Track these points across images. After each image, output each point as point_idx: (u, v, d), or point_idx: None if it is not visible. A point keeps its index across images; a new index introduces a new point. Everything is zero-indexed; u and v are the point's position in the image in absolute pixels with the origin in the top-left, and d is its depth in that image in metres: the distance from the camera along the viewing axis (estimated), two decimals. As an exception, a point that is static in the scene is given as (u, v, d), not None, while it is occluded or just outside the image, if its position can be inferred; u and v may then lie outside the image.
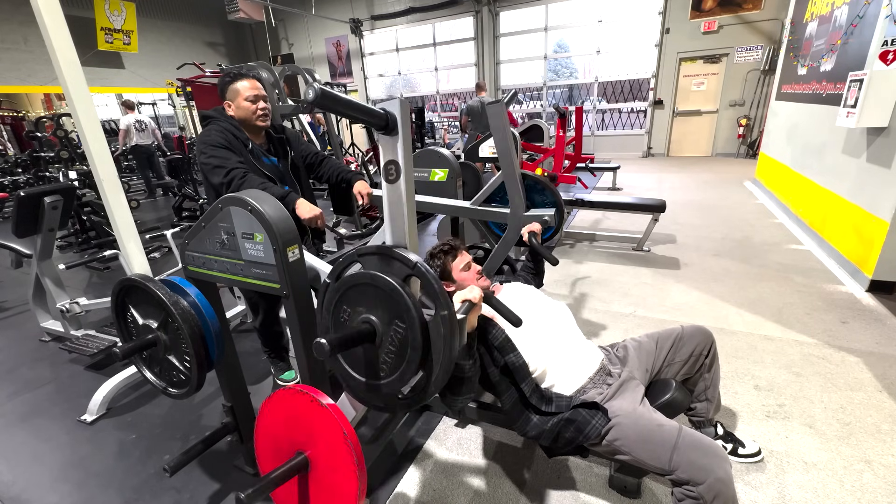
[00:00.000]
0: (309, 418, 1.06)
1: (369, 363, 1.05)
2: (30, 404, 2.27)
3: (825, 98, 3.89)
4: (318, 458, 1.07)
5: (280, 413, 1.13)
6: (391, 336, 0.97)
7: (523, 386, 1.31)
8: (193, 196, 5.74)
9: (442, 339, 0.92)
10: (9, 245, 2.99)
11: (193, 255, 1.40)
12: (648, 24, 8.70)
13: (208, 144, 1.76)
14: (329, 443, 1.03)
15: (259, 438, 1.20)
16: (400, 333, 0.95)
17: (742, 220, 4.54)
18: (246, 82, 1.83)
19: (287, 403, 1.11)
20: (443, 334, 0.92)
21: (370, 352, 1.03)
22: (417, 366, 0.95)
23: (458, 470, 1.68)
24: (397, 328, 0.95)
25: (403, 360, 0.96)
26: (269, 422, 1.17)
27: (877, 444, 1.68)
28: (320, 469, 1.07)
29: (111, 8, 9.48)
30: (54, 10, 1.62)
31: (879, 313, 2.63)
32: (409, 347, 0.94)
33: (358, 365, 1.08)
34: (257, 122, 1.86)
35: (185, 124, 11.50)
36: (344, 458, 1.00)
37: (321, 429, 1.04)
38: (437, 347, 0.94)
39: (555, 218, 2.07)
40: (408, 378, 0.98)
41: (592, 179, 6.83)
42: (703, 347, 1.50)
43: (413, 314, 0.91)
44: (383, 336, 0.99)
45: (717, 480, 1.05)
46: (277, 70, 4.65)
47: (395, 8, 10.97)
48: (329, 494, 1.07)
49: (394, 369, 1.00)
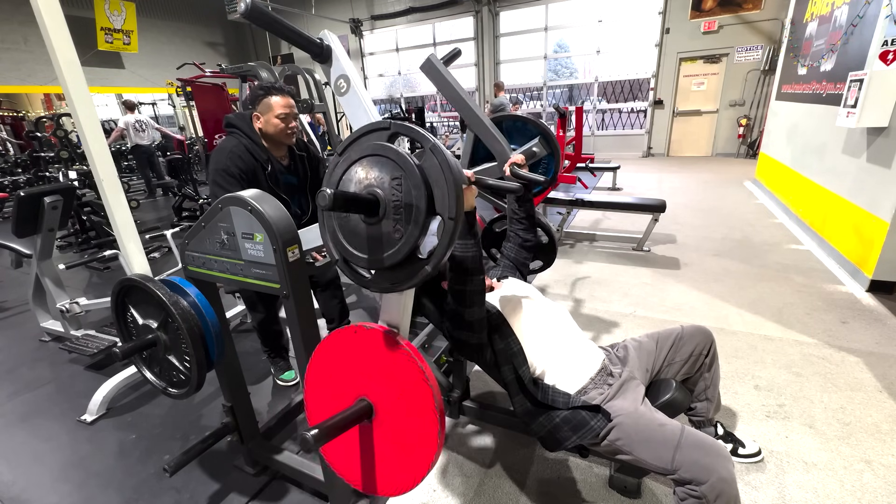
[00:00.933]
0: (377, 358, 0.97)
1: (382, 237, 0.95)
2: (30, 404, 2.27)
3: (825, 98, 3.89)
4: (385, 405, 0.97)
5: (338, 355, 1.04)
6: (393, 196, 0.90)
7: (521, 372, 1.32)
8: (193, 196, 5.73)
9: (441, 172, 0.87)
10: (9, 245, 2.99)
11: (193, 255, 1.40)
12: (648, 24, 8.70)
13: (221, 171, 1.76)
14: (402, 387, 0.94)
15: (310, 388, 1.09)
16: (399, 189, 0.89)
17: (742, 220, 4.54)
18: (280, 99, 1.81)
19: (348, 342, 1.01)
20: (438, 163, 0.87)
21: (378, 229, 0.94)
22: (426, 204, 0.86)
23: (458, 470, 1.68)
24: (395, 187, 0.89)
25: (411, 212, 0.88)
26: (324, 366, 1.06)
27: (877, 444, 1.68)
28: (388, 418, 0.98)
29: (111, 8, 9.49)
30: (54, 10, 1.62)
31: (879, 313, 2.63)
32: (412, 187, 0.87)
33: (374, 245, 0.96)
34: (286, 140, 1.87)
35: (185, 124, 11.50)
36: (423, 403, 0.90)
37: (394, 373, 0.95)
38: (437, 178, 0.87)
39: (543, 145, 1.84)
40: (421, 219, 0.88)
41: (592, 179, 6.83)
42: (703, 347, 1.50)
43: (403, 156, 0.87)
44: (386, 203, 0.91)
45: (720, 480, 1.05)
46: (277, 70, 4.65)
47: (395, 8, 10.98)
48: (399, 445, 0.97)
49: (406, 224, 0.90)
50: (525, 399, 1.32)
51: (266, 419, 1.83)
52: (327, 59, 1.23)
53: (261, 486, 1.65)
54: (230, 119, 1.87)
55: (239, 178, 1.77)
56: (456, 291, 1.23)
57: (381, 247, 0.93)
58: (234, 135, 1.84)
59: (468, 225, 1.15)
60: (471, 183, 1.12)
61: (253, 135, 1.84)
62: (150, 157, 7.43)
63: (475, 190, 1.14)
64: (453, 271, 1.21)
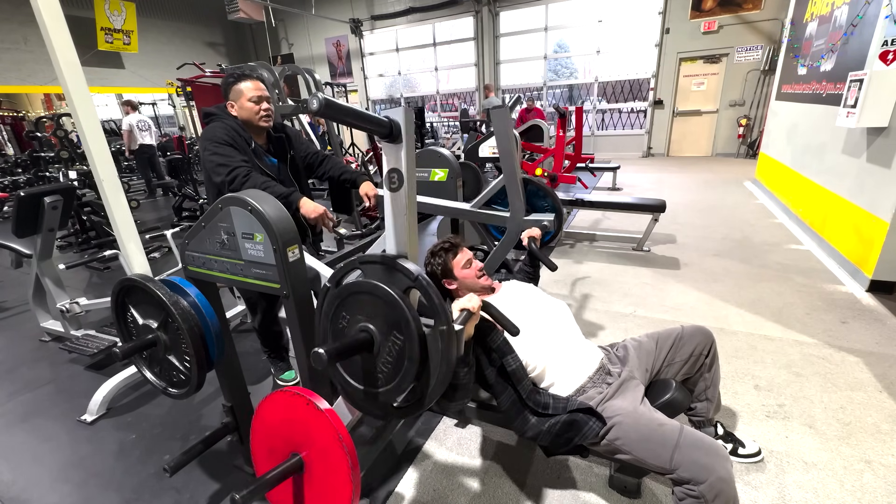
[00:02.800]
0: (305, 420, 1.07)
1: (366, 371, 1.05)
2: (30, 404, 2.27)
3: (825, 98, 3.89)
4: (313, 459, 1.08)
5: (276, 414, 1.14)
6: (389, 347, 0.97)
7: (520, 388, 1.31)
8: (193, 196, 5.73)
9: (440, 353, 0.92)
10: (9, 245, 2.99)
11: (193, 255, 1.40)
12: (648, 24, 8.69)
13: (213, 141, 1.75)
14: (324, 445, 1.04)
15: (255, 439, 1.21)
16: (398, 345, 0.96)
17: (742, 220, 4.54)
18: (249, 83, 1.82)
19: (283, 405, 1.11)
20: (440, 348, 0.92)
21: (368, 361, 1.03)
22: (414, 377, 0.95)
23: (457, 470, 1.68)
24: (395, 339, 0.95)
25: (400, 371, 0.97)
26: (266, 423, 1.17)
27: (877, 444, 1.68)
28: (315, 470, 1.08)
29: (111, 8, 9.48)
30: (54, 10, 1.62)
31: (879, 313, 2.63)
32: (407, 359, 0.94)
33: (355, 372, 1.08)
34: (260, 122, 1.86)
35: (186, 124, 11.50)
36: (339, 461, 1.01)
37: (317, 431, 1.04)
38: (435, 360, 0.94)
39: (554, 223, 2.08)
40: (404, 388, 0.98)
41: (592, 179, 6.83)
42: (703, 347, 1.50)
43: (412, 327, 0.91)
44: (381, 346, 0.99)
45: (718, 479, 1.05)
46: (277, 70, 4.65)
47: (395, 8, 10.97)
48: (324, 496, 1.07)
49: (390, 379, 1.00)
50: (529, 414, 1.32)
51: (266, 419, 1.83)
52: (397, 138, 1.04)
53: (261, 486, 1.65)
54: (207, 109, 1.89)
55: (228, 145, 1.76)
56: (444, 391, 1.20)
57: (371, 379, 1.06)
58: (214, 119, 1.85)
59: (463, 354, 1.13)
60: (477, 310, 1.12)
61: (231, 120, 1.84)
62: (151, 157, 7.43)
63: (478, 317, 1.14)
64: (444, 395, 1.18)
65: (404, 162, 1.02)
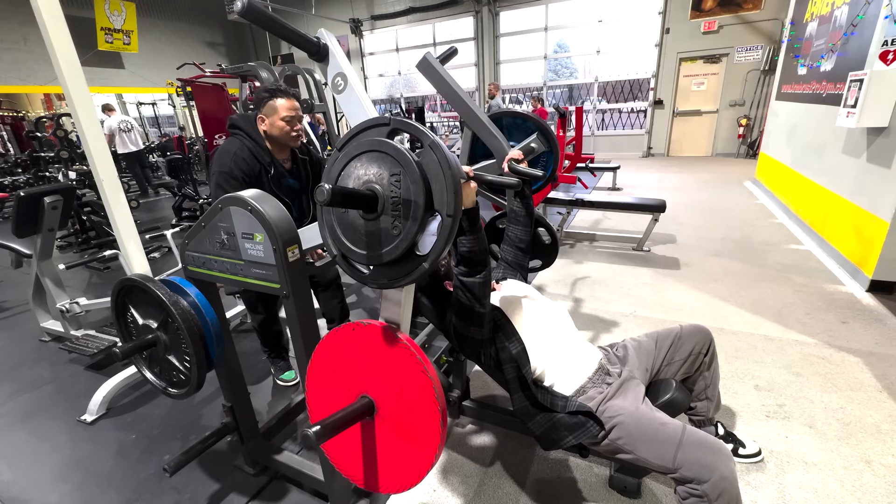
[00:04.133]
0: (378, 355, 0.97)
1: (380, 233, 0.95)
2: (30, 404, 2.27)
3: (825, 98, 3.89)
4: (387, 401, 0.97)
5: (339, 352, 1.03)
6: (391, 192, 0.90)
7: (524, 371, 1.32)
8: (193, 196, 5.73)
9: (440, 169, 0.86)
10: (9, 245, 2.99)
11: (193, 255, 1.40)
12: (648, 24, 8.70)
13: (225, 174, 1.76)
14: (404, 383, 0.93)
15: (311, 386, 1.09)
16: (398, 185, 0.89)
17: (742, 220, 4.54)
18: (286, 101, 1.81)
19: (348, 339, 1.01)
20: (436, 159, 0.87)
21: (376, 225, 0.94)
22: (424, 200, 0.86)
23: (457, 470, 1.68)
24: (394, 183, 0.89)
25: (410, 208, 0.88)
26: (325, 364, 1.06)
27: (877, 444, 1.68)
28: (390, 415, 0.97)
29: (111, 8, 9.48)
30: (54, 10, 1.62)
31: (879, 313, 2.63)
32: (410, 183, 0.87)
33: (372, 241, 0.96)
34: (290, 143, 1.87)
35: (186, 124, 11.50)
36: (423, 397, 0.90)
37: (394, 368, 0.94)
38: (436, 173, 0.87)
39: (541, 141, 1.82)
40: (419, 215, 0.87)
41: (592, 179, 6.83)
42: (701, 346, 1.50)
43: (402, 152, 0.87)
44: (385, 200, 0.91)
45: (721, 478, 1.05)
46: (277, 70, 4.65)
47: (395, 8, 10.98)
48: (402, 442, 0.97)
49: (404, 220, 0.90)
50: (524, 398, 1.32)
51: (266, 419, 1.83)
52: (324, 57, 1.24)
53: (261, 487, 1.65)
54: (234, 120, 1.87)
55: (242, 182, 1.77)
56: (466, 285, 1.21)
57: (379, 243, 0.93)
58: (237, 136, 1.84)
59: (470, 221, 1.14)
60: (469, 178, 1.11)
61: (257, 137, 1.84)
62: (140, 159, 7.54)
63: (474, 185, 1.13)
64: (462, 265, 1.20)
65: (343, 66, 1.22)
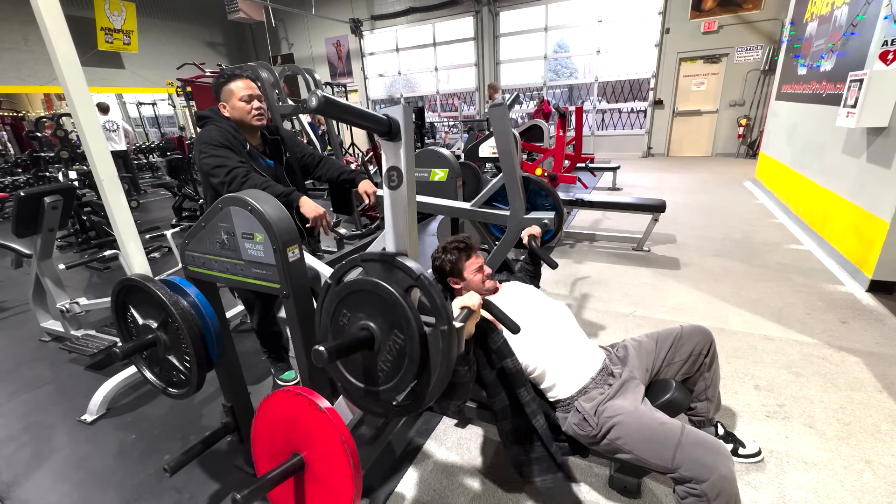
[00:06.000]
0: (306, 420, 1.07)
1: (367, 369, 1.05)
2: (30, 404, 2.27)
3: (825, 98, 3.89)
4: (314, 459, 1.08)
5: (277, 414, 1.14)
6: (389, 345, 0.97)
7: (518, 393, 1.31)
8: (193, 196, 5.73)
9: (440, 352, 0.92)
10: (9, 245, 2.99)
11: (193, 255, 1.40)
12: (648, 24, 8.70)
13: (208, 144, 1.75)
14: (326, 445, 1.04)
15: (256, 439, 1.21)
16: (399, 343, 0.95)
17: (742, 220, 4.54)
18: (240, 82, 1.81)
19: (284, 405, 1.11)
20: (441, 347, 0.92)
21: (368, 358, 1.03)
22: (414, 375, 0.95)
23: (457, 470, 1.68)
24: (396, 338, 0.95)
25: (400, 370, 0.96)
26: (266, 422, 1.17)
27: (877, 444, 1.68)
28: (317, 470, 1.08)
29: (111, 8, 9.48)
30: (54, 10, 1.62)
31: (879, 313, 2.63)
32: (407, 358, 0.94)
33: (355, 370, 1.08)
34: (253, 121, 1.85)
35: (185, 124, 11.49)
36: (340, 461, 1.01)
37: (318, 431, 1.04)
38: (435, 359, 0.94)
39: (554, 221, 2.08)
40: (403, 387, 0.98)
41: (592, 179, 6.83)
42: (702, 347, 1.50)
43: (413, 326, 0.91)
44: (381, 344, 0.98)
45: (720, 478, 1.05)
46: (277, 70, 4.65)
47: (395, 8, 10.98)
48: (325, 496, 1.07)
49: (390, 377, 1.00)
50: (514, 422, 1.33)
51: (266, 419, 1.83)
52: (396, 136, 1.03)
53: (261, 486, 1.65)
54: (200, 113, 1.88)
55: (225, 146, 1.76)
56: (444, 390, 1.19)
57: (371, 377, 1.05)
58: (208, 123, 1.84)
59: (464, 353, 1.11)
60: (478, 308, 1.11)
61: (225, 123, 1.84)
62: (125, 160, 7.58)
63: (478, 316, 1.13)
64: None
65: (403, 160, 1.02)
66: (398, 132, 1.00)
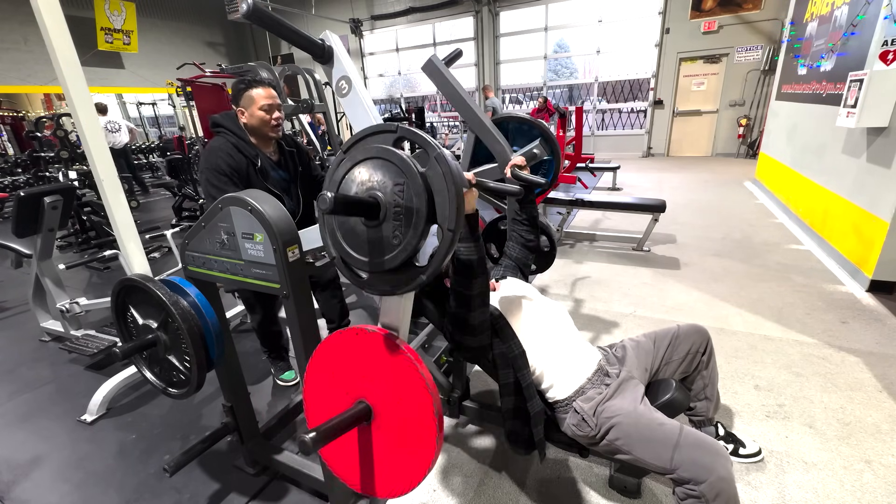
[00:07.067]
0: (379, 363, 0.97)
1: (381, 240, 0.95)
2: (30, 404, 2.27)
3: (825, 98, 3.89)
4: (384, 408, 0.97)
5: (340, 356, 1.03)
6: (394, 201, 0.90)
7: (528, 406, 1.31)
8: (193, 196, 5.73)
9: (442, 177, 0.85)
10: (9, 245, 2.99)
11: (193, 255, 1.40)
12: (648, 24, 8.70)
13: (212, 170, 1.76)
14: (404, 393, 0.94)
15: (308, 387, 1.09)
16: (401, 194, 0.89)
17: (742, 220, 4.54)
18: (262, 90, 1.81)
19: (350, 345, 1.00)
20: (441, 172, 0.87)
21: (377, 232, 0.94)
22: (427, 211, 0.86)
23: (458, 470, 1.68)
24: (397, 192, 0.89)
25: (412, 215, 0.88)
26: (325, 366, 1.06)
27: (877, 444, 1.68)
28: (387, 421, 0.98)
29: (111, 8, 9.48)
30: (54, 10, 1.62)
31: (879, 313, 2.63)
32: (414, 195, 0.86)
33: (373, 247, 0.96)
34: (271, 132, 1.86)
35: (186, 124, 11.48)
36: (422, 409, 0.90)
37: (394, 376, 0.95)
38: (440, 186, 0.87)
39: (544, 147, 1.82)
40: (421, 227, 0.88)
41: (592, 179, 6.83)
42: (699, 345, 1.50)
43: (409, 165, 0.86)
44: (387, 208, 0.91)
45: (719, 479, 1.05)
46: (277, 70, 4.64)
47: (395, 8, 10.97)
48: (396, 450, 0.98)
49: (405, 230, 0.90)
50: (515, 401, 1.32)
51: (266, 419, 1.83)
52: (329, 59, 1.24)
53: (261, 487, 1.65)
54: (216, 119, 1.87)
55: (230, 175, 1.77)
56: (459, 294, 1.21)
57: (379, 250, 0.93)
58: (221, 134, 1.84)
59: (470, 228, 1.13)
60: (472, 185, 1.11)
61: (240, 132, 1.84)
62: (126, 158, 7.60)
63: (476, 192, 1.13)
64: (457, 274, 1.19)
65: (347, 69, 1.22)
66: (331, 55, 1.22)
